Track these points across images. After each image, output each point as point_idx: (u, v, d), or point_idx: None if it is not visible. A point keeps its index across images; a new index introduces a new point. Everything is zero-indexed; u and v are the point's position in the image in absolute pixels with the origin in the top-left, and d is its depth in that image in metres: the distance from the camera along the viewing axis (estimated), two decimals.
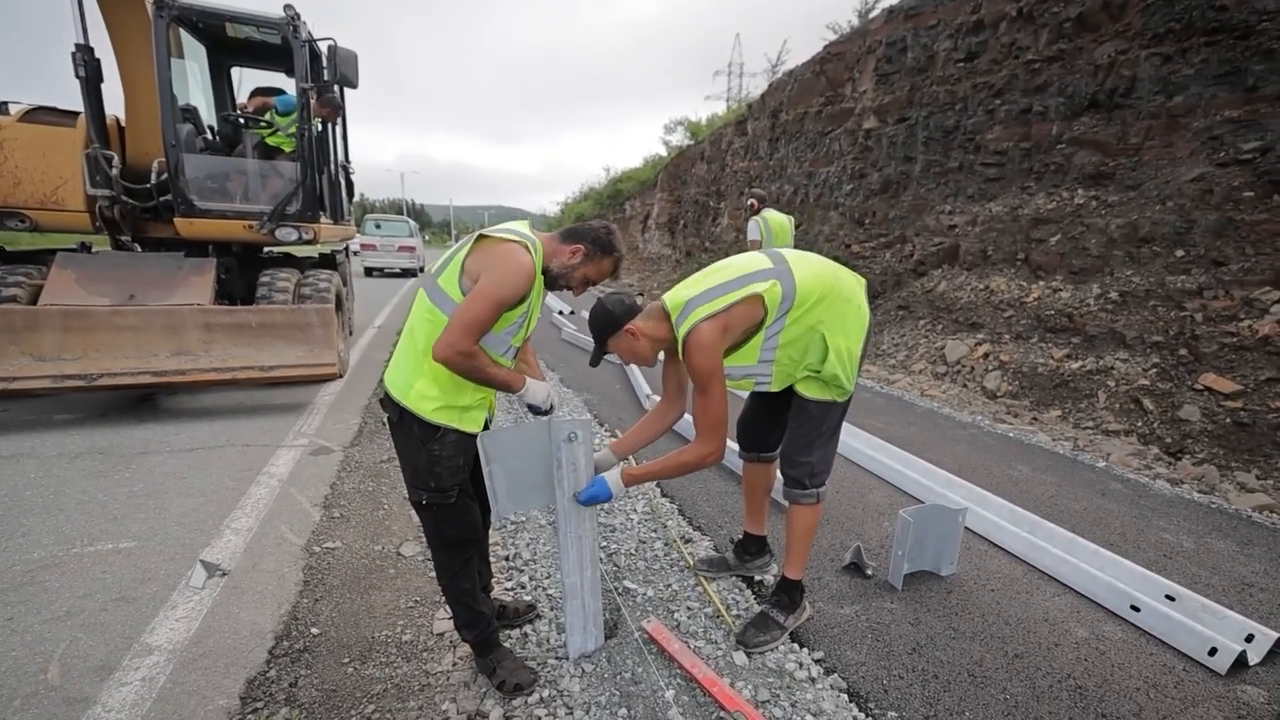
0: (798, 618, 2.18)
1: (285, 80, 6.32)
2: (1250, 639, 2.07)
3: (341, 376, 5.41)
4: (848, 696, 1.89)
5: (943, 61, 9.79)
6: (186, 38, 5.66)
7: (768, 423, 2.33)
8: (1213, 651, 2.01)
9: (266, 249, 6.06)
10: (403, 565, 2.64)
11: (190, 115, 5.36)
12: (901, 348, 7.62)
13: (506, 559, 2.70)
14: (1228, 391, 4.72)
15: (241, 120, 5.68)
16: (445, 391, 1.67)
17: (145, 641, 2.06)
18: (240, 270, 5.47)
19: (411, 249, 18.27)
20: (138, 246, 5.27)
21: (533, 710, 1.81)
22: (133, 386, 4.26)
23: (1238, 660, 1.98)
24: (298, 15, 5.23)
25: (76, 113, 4.87)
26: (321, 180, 5.66)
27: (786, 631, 2.14)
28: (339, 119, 6.33)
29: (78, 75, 4.71)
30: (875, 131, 10.99)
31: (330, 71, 5.38)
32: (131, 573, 2.47)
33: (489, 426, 1.91)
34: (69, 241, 5.42)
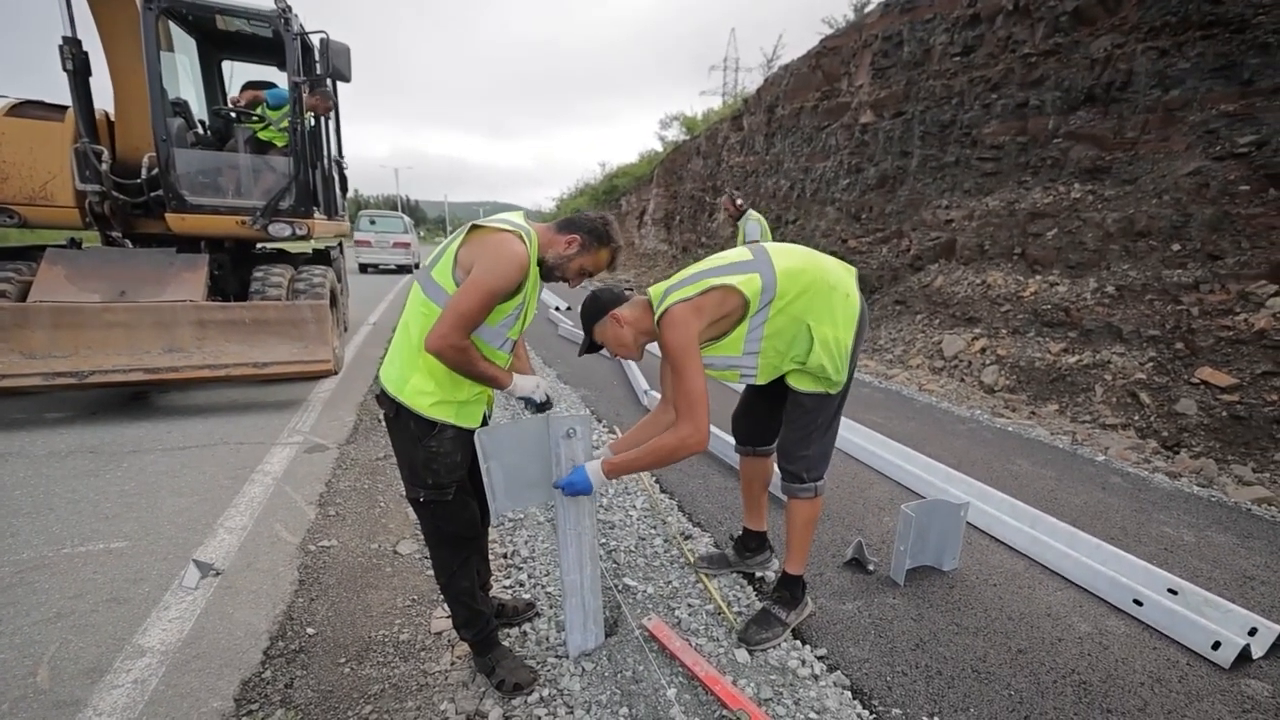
0: (799, 614, 2.17)
1: (277, 74, 6.24)
2: (1253, 633, 2.06)
3: (336, 373, 5.37)
4: (851, 693, 1.87)
5: (939, 56, 9.78)
6: (176, 30, 5.59)
7: (763, 416, 2.31)
8: (1216, 645, 2.00)
9: (259, 245, 6.01)
10: (399, 564, 2.61)
11: (181, 109, 5.30)
12: (899, 342, 7.62)
13: (505, 556, 2.68)
14: (1224, 385, 4.73)
15: (233, 114, 5.62)
16: (441, 386, 1.64)
17: (137, 643, 2.03)
18: (233, 266, 5.42)
19: (406, 245, 18.23)
20: (129, 242, 5.22)
21: (533, 710, 1.78)
22: (125, 384, 4.22)
23: (1241, 654, 1.97)
24: (289, 8, 5.16)
25: (65, 107, 4.81)
26: (314, 175, 5.60)
27: (789, 628, 2.12)
28: (332, 113, 6.27)
29: (65, 69, 4.66)
30: (871, 126, 10.97)
31: (322, 65, 5.33)
32: (123, 573, 2.44)
33: (487, 422, 1.88)
34: (58, 237, 5.38)
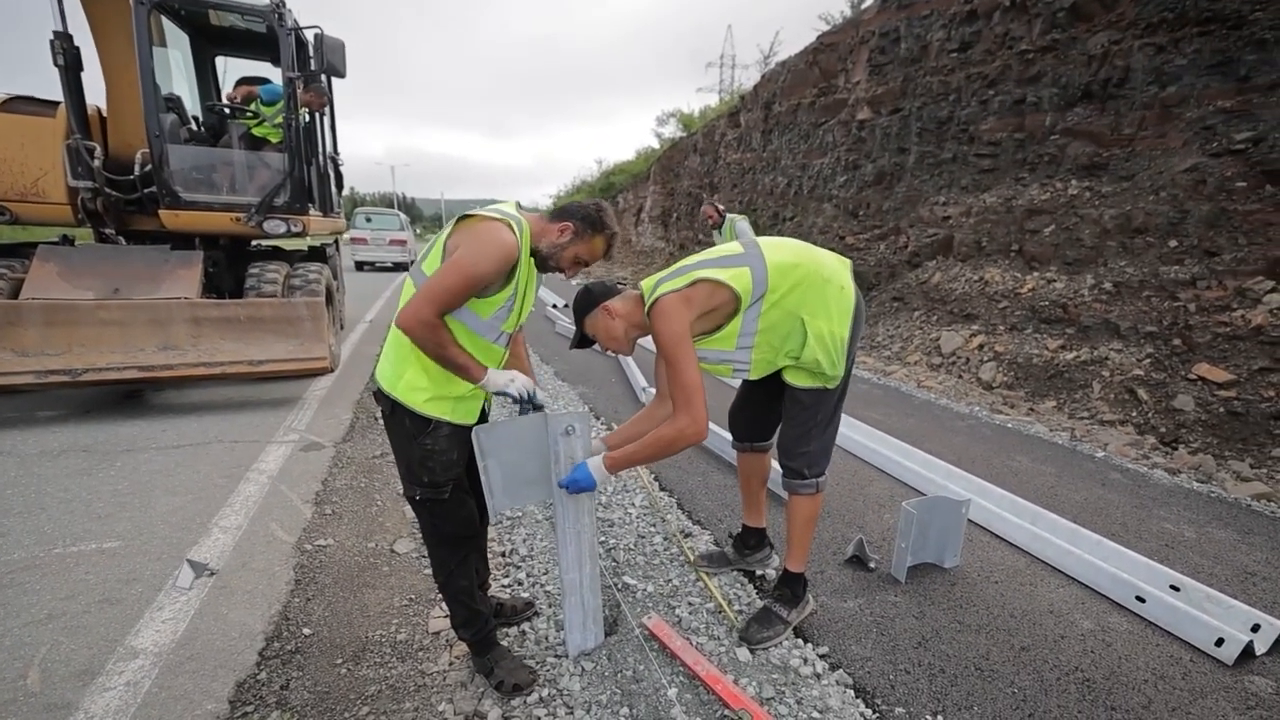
0: (801, 612, 2.15)
1: (271, 70, 6.19)
2: (1256, 629, 2.05)
3: (332, 371, 5.33)
4: (854, 692, 1.86)
5: (936, 52, 9.76)
6: (169, 25, 5.54)
7: (760, 412, 2.29)
8: (1219, 642, 1.99)
9: (254, 242, 5.96)
10: (397, 563, 2.58)
11: (174, 105, 5.24)
12: (896, 339, 7.61)
13: (503, 555, 2.66)
14: (1221, 381, 4.73)
15: (227, 110, 5.57)
16: (436, 382, 1.61)
17: (130, 644, 2.00)
18: (228, 264, 5.38)
19: (403, 242, 18.16)
20: (122, 239, 5.17)
21: (532, 710, 1.76)
22: (119, 381, 4.18)
23: (1245, 651, 1.96)
24: (283, 2, 5.12)
25: (56, 102, 4.75)
26: (310, 171, 5.56)
27: (790, 626, 2.10)
28: (327, 109, 6.22)
29: (56, 64, 4.61)
30: (869, 123, 10.95)
31: (317, 60, 5.28)
32: (116, 573, 2.41)
33: (486, 418, 1.86)
34: (50, 234, 5.33)
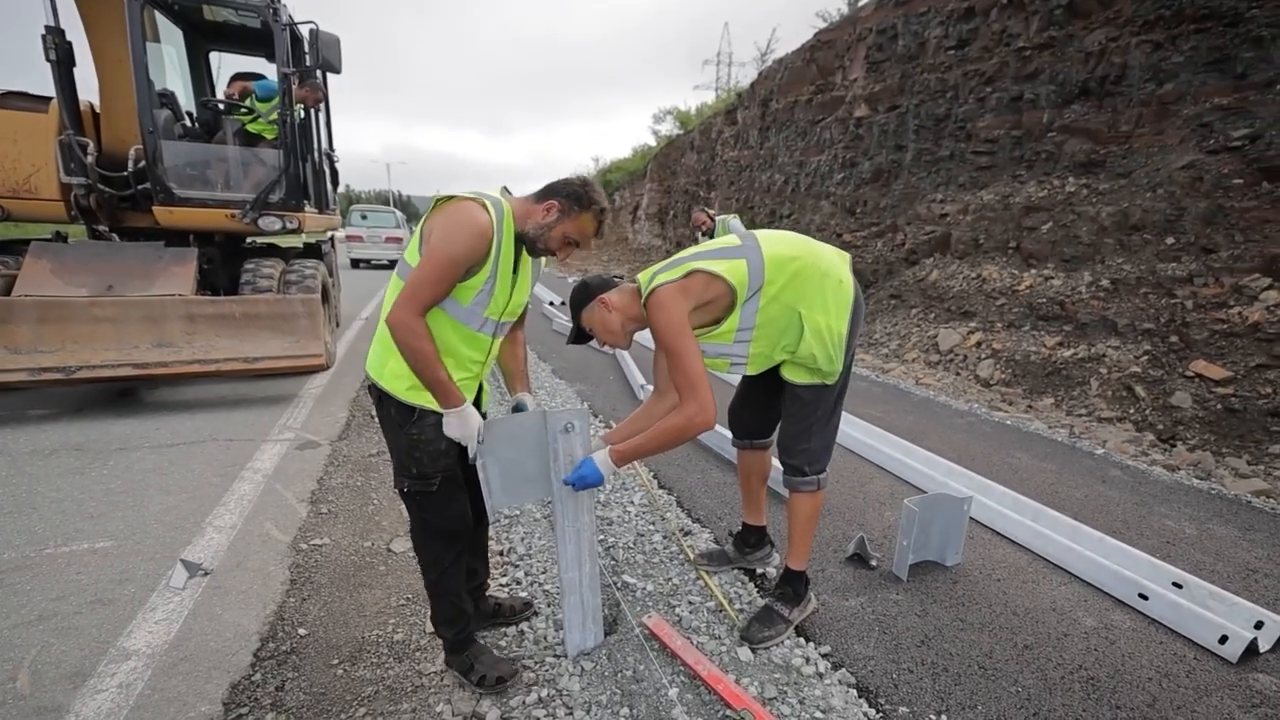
0: (803, 610, 2.13)
1: (266, 66, 6.15)
2: (1260, 626, 2.04)
3: (328, 368, 5.30)
4: (857, 691, 1.84)
5: (933, 49, 9.76)
6: (162, 21, 5.49)
7: (760, 408, 2.27)
8: (1223, 639, 1.98)
9: (250, 239, 5.92)
10: (393, 562, 2.55)
11: (168, 101, 5.20)
12: (894, 336, 7.61)
13: (501, 554, 2.63)
14: (1218, 378, 4.74)
15: (221, 106, 5.52)
16: None
17: (122, 646, 1.97)
18: (223, 261, 5.33)
19: (399, 240, 18.07)
20: (115, 236, 5.14)
21: (531, 710, 1.74)
22: (113, 379, 4.14)
23: (1249, 648, 1.95)
24: None
25: (49, 98, 4.70)
26: (305, 168, 5.52)
27: (792, 625, 2.08)
28: (322, 105, 6.17)
29: (48, 59, 4.57)
30: (866, 120, 10.95)
31: (312, 56, 5.24)
32: (108, 573, 2.37)
33: (481, 407, 1.81)
34: (43, 231, 5.30)
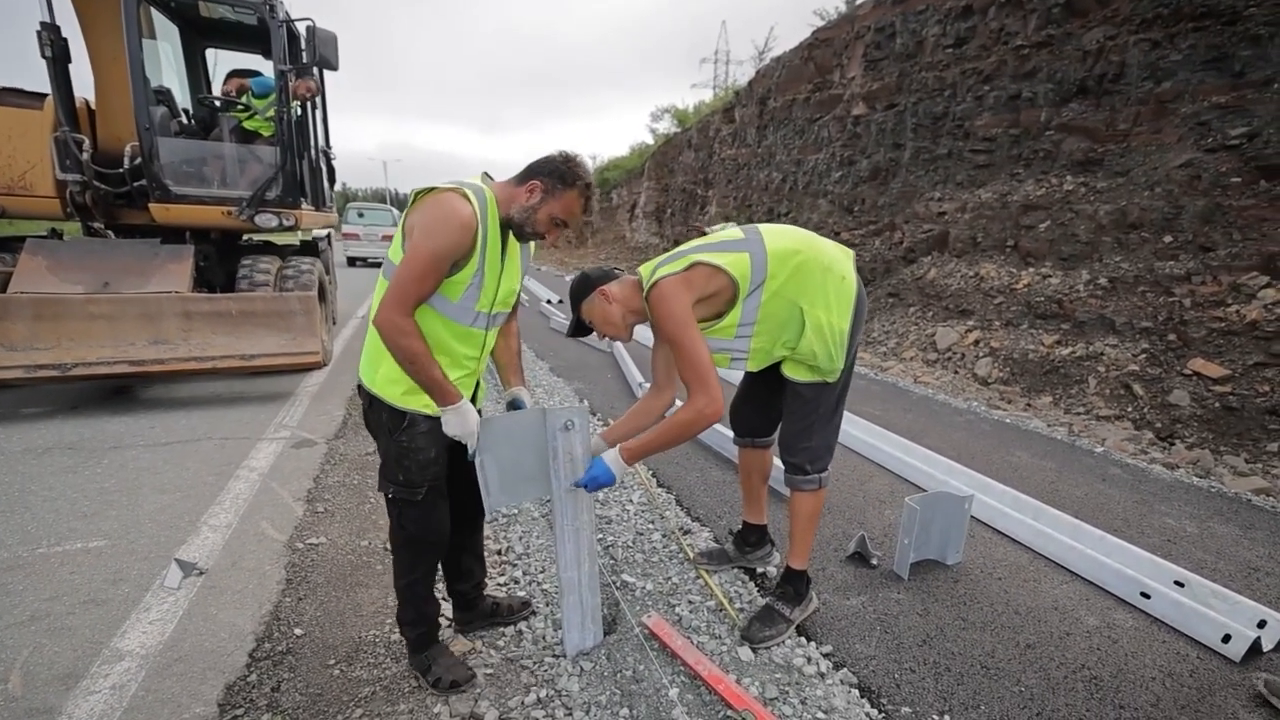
0: (804, 610, 2.12)
1: (262, 63, 6.11)
2: (1263, 625, 2.03)
3: (325, 365, 5.27)
4: (859, 691, 1.82)
5: (931, 47, 9.75)
6: (158, 17, 5.45)
7: (761, 407, 2.25)
8: (1226, 639, 1.97)
9: (246, 236, 5.88)
10: (390, 561, 2.53)
11: (164, 98, 5.16)
12: (892, 335, 7.60)
13: (499, 553, 2.61)
14: (1216, 376, 4.74)
15: (217, 103, 5.48)
16: None
17: (116, 646, 1.95)
18: (219, 258, 5.30)
19: None
20: (111, 233, 5.10)
21: (530, 711, 1.72)
22: (108, 376, 4.11)
23: (1252, 647, 1.94)
24: None
25: (44, 94, 4.67)
26: (302, 165, 5.48)
27: (793, 625, 2.07)
28: (319, 102, 6.14)
29: (44, 55, 4.54)
30: (864, 118, 10.94)
31: (309, 53, 5.20)
32: (102, 573, 2.35)
33: (476, 406, 1.79)
34: (39, 228, 5.26)
